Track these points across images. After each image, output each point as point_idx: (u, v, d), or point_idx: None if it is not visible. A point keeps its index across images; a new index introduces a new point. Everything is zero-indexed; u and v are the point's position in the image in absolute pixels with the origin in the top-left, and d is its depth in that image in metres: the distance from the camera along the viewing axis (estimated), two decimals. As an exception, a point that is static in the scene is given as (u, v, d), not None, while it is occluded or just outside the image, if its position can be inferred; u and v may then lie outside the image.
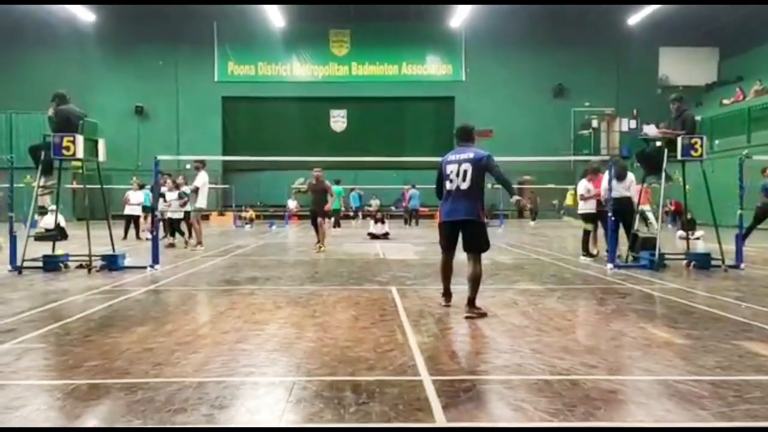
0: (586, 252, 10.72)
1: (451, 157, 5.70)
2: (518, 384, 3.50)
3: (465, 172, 5.52)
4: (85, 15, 29.75)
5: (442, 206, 5.81)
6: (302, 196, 14.96)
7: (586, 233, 10.86)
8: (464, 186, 5.52)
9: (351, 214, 27.67)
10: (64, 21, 30.12)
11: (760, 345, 4.41)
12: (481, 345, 4.45)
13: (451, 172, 5.59)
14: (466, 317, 5.38)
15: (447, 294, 6.03)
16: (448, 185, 5.62)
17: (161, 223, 13.06)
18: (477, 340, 4.62)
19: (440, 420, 2.93)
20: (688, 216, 12.04)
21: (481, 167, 5.56)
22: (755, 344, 4.43)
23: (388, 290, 7.13)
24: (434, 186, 5.99)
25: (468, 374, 3.74)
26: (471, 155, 5.59)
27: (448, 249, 5.89)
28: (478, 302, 5.62)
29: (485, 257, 5.94)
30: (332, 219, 22.30)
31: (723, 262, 9.02)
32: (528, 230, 22.14)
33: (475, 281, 5.56)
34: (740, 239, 9.40)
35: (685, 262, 9.56)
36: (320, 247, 12.49)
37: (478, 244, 5.64)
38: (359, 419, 2.94)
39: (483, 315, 5.44)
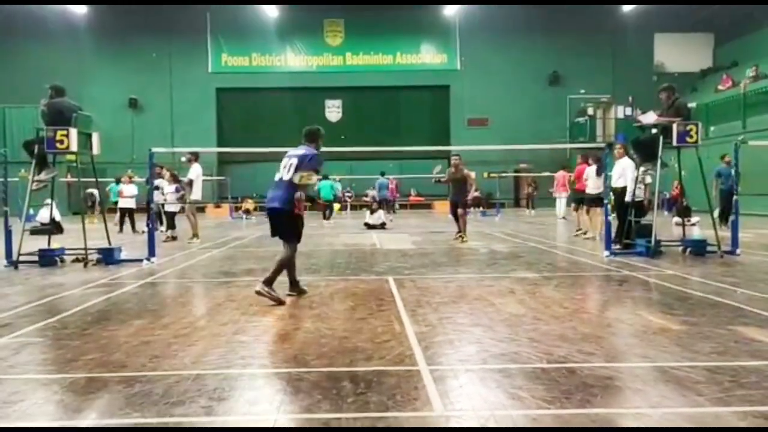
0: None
1: (291, 150, 6.04)
2: (515, 372, 3.52)
3: (291, 164, 5.83)
4: (78, 7, 29.54)
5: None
6: (441, 185, 13.62)
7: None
8: (285, 176, 5.80)
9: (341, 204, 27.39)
10: (56, 13, 29.90)
11: (755, 330, 4.44)
12: (478, 334, 4.46)
13: (284, 165, 5.90)
14: (256, 292, 5.63)
15: (292, 283, 6.21)
16: (276, 175, 5.93)
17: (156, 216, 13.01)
18: (474, 329, 4.63)
19: (438, 409, 2.95)
20: (684, 202, 12.06)
21: (300, 163, 5.79)
22: (751, 329, 4.46)
23: (385, 280, 7.14)
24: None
25: (465, 363, 3.75)
26: (301, 152, 5.92)
27: (273, 236, 6.08)
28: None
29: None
30: (327, 211, 22.18)
31: (719, 248, 9.04)
32: (524, 219, 22.17)
33: (277, 264, 5.82)
34: (736, 225, 9.44)
35: (681, 248, 9.59)
36: (462, 238, 12.08)
37: (284, 233, 5.91)
38: (357, 409, 2.95)
39: (278, 301, 5.61)
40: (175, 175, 14.28)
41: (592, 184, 12.32)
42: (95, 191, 16.59)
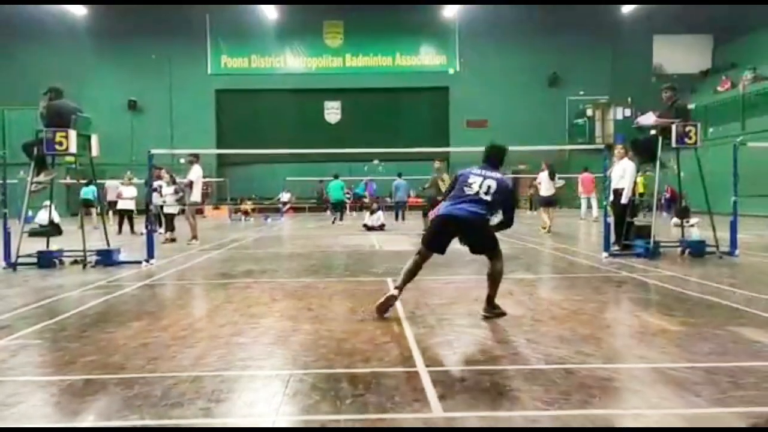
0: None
1: (476, 170, 5.24)
2: (514, 373, 3.52)
3: (489, 186, 5.10)
4: (77, 9, 29.58)
5: (447, 203, 5.31)
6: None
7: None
8: (483, 195, 5.08)
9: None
10: (55, 15, 29.93)
11: (754, 331, 4.44)
12: (476, 335, 4.46)
13: (474, 182, 5.15)
14: (484, 317, 5.01)
15: (400, 290, 5.21)
16: (465, 189, 5.15)
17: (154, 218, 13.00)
18: (473, 330, 4.63)
19: (437, 410, 2.94)
20: (683, 203, 12.06)
21: (501, 192, 5.11)
22: (749, 330, 4.46)
23: (384, 282, 7.13)
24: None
25: (464, 364, 3.75)
26: (498, 176, 5.19)
27: (430, 247, 5.32)
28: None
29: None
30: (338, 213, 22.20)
31: (717, 249, 9.05)
32: (523, 220, 22.15)
33: (491, 279, 5.13)
34: (735, 226, 9.43)
35: (679, 249, 9.59)
36: None
37: (486, 245, 5.25)
38: (356, 411, 2.94)
39: (501, 314, 5.03)
40: (173, 176, 14.30)
41: (545, 187, 15.13)
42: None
